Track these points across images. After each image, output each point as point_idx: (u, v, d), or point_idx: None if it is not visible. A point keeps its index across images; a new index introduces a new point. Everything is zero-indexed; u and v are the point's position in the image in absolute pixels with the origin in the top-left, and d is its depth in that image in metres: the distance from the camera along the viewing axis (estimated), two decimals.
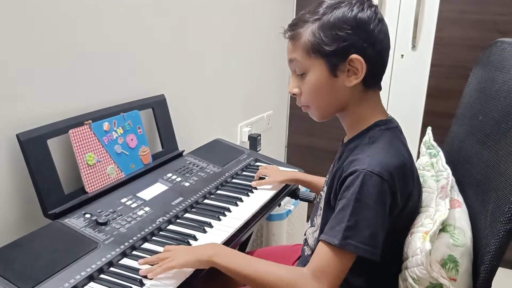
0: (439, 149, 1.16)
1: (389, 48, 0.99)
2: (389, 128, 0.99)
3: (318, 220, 1.08)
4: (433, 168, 1.11)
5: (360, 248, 0.87)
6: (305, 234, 1.19)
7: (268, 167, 1.53)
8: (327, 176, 1.14)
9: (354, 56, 0.93)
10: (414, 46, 2.27)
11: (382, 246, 0.90)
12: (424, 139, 1.26)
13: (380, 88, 1.02)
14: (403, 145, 0.98)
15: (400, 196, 0.92)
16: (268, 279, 0.92)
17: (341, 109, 1.02)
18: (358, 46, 0.93)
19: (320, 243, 0.92)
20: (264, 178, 1.46)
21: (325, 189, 1.09)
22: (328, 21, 0.94)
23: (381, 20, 0.95)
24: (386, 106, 2.32)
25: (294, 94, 1.04)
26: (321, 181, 1.41)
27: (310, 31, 0.96)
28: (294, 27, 1.00)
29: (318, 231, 1.06)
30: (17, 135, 1.06)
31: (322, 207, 1.06)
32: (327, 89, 0.99)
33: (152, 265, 1.00)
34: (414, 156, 2.07)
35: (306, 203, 2.13)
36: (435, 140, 1.23)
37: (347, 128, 1.06)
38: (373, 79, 0.98)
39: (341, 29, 0.93)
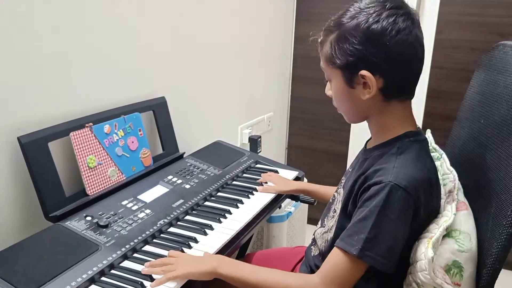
0: (442, 151, 1.15)
1: (415, 57, 0.93)
2: (418, 140, 0.97)
3: (330, 222, 1.07)
4: (438, 172, 1.10)
5: (377, 261, 0.87)
6: (313, 234, 1.18)
7: (272, 174, 1.51)
8: (343, 178, 1.13)
9: (362, 72, 0.91)
10: None
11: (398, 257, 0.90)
12: None
13: (409, 98, 0.98)
14: (430, 159, 0.97)
15: (423, 212, 0.91)
16: (275, 287, 0.92)
17: (364, 117, 1.02)
18: (368, 61, 0.91)
19: (335, 249, 0.92)
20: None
21: (340, 191, 1.08)
22: (343, 32, 0.93)
23: (401, 30, 0.89)
24: None
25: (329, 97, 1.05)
26: (326, 190, 1.39)
27: (329, 41, 0.96)
28: (322, 34, 0.99)
29: (329, 233, 1.06)
30: (18, 138, 1.06)
31: (338, 210, 1.04)
32: (346, 99, 0.99)
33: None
34: None
35: (307, 205, 2.13)
36: (435, 142, 1.22)
37: (373, 135, 1.04)
38: (393, 91, 0.95)
39: (350, 43, 0.91)
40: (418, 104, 2.33)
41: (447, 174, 1.05)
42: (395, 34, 0.89)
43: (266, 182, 1.47)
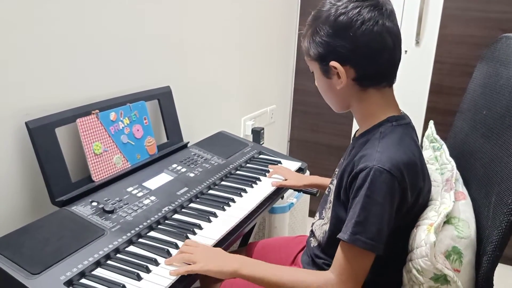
0: (442, 142, 1.17)
1: (384, 46, 0.94)
2: (400, 124, 0.99)
3: (328, 214, 1.09)
4: (437, 162, 1.12)
5: (368, 244, 0.89)
6: (311, 226, 1.20)
7: (283, 168, 1.52)
8: (336, 169, 1.15)
9: (332, 63, 0.96)
10: (417, 42, 2.28)
11: (392, 242, 0.92)
12: (426, 133, 1.27)
13: (388, 85, 1.01)
14: (413, 141, 0.99)
15: (410, 193, 0.93)
16: (297, 286, 0.94)
17: (346, 106, 1.05)
18: (336, 52, 0.95)
19: (340, 243, 0.94)
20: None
21: (334, 182, 1.10)
22: (316, 25, 0.97)
23: (366, 21, 0.92)
24: None
25: None
26: None
27: (307, 35, 1.01)
28: (305, 29, 1.03)
29: (327, 224, 1.07)
30: (26, 123, 1.08)
31: (332, 200, 1.07)
32: (327, 89, 1.04)
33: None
34: None
35: (309, 196, 2.14)
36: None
37: (358, 123, 1.07)
38: (367, 80, 0.98)
39: (320, 36, 0.96)
40: (421, 98, 2.35)
41: (446, 164, 1.07)
42: (359, 25, 0.92)
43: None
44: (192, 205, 1.25)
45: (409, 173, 0.91)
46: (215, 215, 1.20)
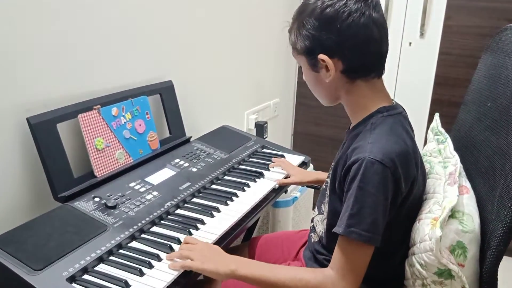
0: (447, 135, 1.16)
1: (370, 38, 0.94)
2: (391, 114, 0.98)
3: (326, 208, 1.09)
4: (440, 155, 1.11)
5: (363, 236, 0.88)
6: (312, 221, 1.19)
7: (285, 161, 1.51)
8: (333, 163, 1.14)
9: (320, 56, 0.95)
10: (422, 34, 2.25)
11: (388, 234, 0.91)
12: (431, 125, 1.26)
13: (376, 76, 0.99)
14: (405, 131, 0.98)
15: (404, 183, 0.92)
16: (295, 285, 0.93)
17: (335, 99, 1.05)
18: (324, 45, 0.95)
19: (338, 238, 0.93)
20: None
21: (330, 175, 1.09)
22: (302, 19, 0.97)
23: (352, 13, 0.91)
24: (393, 94, 2.32)
25: None
26: None
27: (294, 29, 1.01)
28: (291, 23, 1.04)
29: (327, 219, 1.07)
30: (27, 119, 1.08)
31: (328, 194, 1.06)
32: (315, 83, 1.04)
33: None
34: (421, 143, 2.06)
35: (312, 190, 2.14)
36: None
37: (350, 116, 1.06)
38: (355, 72, 0.97)
39: (307, 29, 0.96)
40: (425, 90, 2.33)
41: (449, 158, 1.05)
42: (346, 17, 0.92)
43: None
44: (194, 200, 1.25)
45: (401, 163, 0.91)
46: (218, 210, 1.19)
